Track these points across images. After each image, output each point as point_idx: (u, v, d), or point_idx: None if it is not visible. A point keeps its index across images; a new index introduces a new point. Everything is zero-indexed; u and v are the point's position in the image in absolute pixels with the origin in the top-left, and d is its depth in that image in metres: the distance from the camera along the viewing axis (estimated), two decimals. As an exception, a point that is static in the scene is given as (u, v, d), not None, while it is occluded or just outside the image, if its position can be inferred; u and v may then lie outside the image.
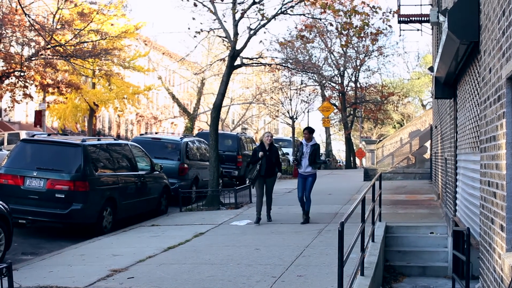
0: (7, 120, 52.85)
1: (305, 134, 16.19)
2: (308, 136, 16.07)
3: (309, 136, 16.07)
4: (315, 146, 15.96)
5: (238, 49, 21.17)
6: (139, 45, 53.09)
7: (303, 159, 15.89)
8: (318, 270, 10.25)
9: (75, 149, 15.13)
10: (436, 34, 20.16)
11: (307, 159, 15.82)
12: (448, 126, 15.68)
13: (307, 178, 15.94)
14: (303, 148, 15.96)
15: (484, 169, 8.21)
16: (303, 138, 16.25)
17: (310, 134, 16.14)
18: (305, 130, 16.36)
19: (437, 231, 14.90)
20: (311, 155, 15.79)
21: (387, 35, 52.35)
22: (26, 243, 14.26)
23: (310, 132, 16.22)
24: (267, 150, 16.19)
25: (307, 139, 16.03)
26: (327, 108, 43.09)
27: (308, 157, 15.82)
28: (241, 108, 69.38)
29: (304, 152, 15.92)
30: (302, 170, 15.97)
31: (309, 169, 15.88)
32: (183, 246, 12.96)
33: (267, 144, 16.26)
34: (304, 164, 15.89)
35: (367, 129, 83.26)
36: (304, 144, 16.00)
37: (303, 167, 15.91)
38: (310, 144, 15.93)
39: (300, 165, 15.98)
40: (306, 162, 15.84)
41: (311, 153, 15.81)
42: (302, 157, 15.92)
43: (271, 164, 16.17)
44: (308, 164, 15.82)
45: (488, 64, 7.89)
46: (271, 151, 16.27)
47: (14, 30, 35.42)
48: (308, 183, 15.92)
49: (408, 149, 33.41)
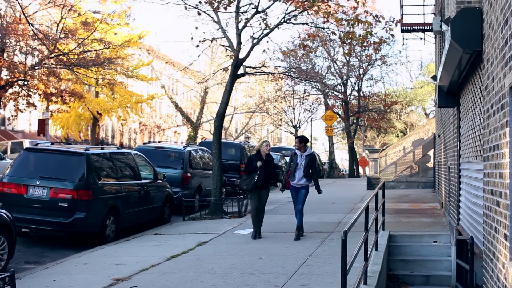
0: (11, 129, 52.94)
1: (297, 144, 15.22)
2: (300, 146, 14.98)
3: (301, 146, 14.97)
4: (311, 156, 14.96)
5: (241, 58, 21.19)
6: (142, 54, 53.23)
7: (298, 170, 14.82)
8: (321, 279, 10.24)
9: (79, 158, 15.14)
10: (439, 43, 20.17)
11: (302, 171, 14.77)
12: (451, 135, 15.67)
13: (300, 190, 14.90)
14: (297, 158, 14.90)
15: (487, 178, 8.20)
16: (296, 148, 15.19)
17: (301, 143, 15.03)
18: (296, 139, 15.43)
19: (440, 240, 14.87)
20: (306, 167, 14.79)
21: (390, 44, 52.49)
22: (29, 252, 14.26)
23: (302, 141, 15.14)
24: (264, 160, 15.13)
25: (300, 149, 14.95)
26: (330, 117, 43.13)
27: (303, 168, 14.77)
28: (244, 117, 69.47)
29: (299, 163, 14.84)
30: (295, 181, 14.85)
31: (302, 181, 14.82)
32: (186, 255, 12.95)
33: (264, 154, 15.23)
34: (298, 176, 14.82)
35: (370, 138, 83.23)
36: (298, 155, 14.93)
37: (297, 178, 14.82)
38: (305, 155, 14.89)
39: (293, 176, 14.87)
40: (300, 173, 14.78)
41: (307, 164, 14.80)
42: (296, 168, 14.85)
43: (268, 175, 15.17)
44: (303, 176, 14.78)
45: (491, 73, 7.89)
46: (268, 161, 15.26)
47: (18, 39, 35.54)
48: (301, 196, 14.89)
49: (411, 157, 33.36)
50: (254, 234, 15.09)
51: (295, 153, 15.01)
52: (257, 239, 14.89)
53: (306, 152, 14.91)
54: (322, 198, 24.91)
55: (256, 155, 15.31)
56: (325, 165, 61.59)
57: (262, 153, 15.20)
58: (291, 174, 14.92)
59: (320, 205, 22.29)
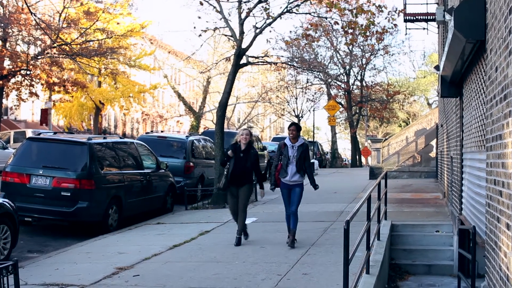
0: (13, 118, 52.96)
1: (292, 132, 12.63)
2: (296, 135, 12.63)
3: (296, 134, 12.64)
4: (303, 147, 12.59)
5: (244, 48, 21.17)
6: (145, 43, 53.17)
7: (290, 164, 12.48)
8: (324, 268, 10.26)
9: (81, 147, 15.16)
10: (442, 33, 20.13)
11: (295, 165, 12.46)
12: (454, 124, 15.66)
13: (294, 188, 12.56)
14: (288, 150, 12.54)
15: (490, 168, 8.20)
16: (288, 137, 12.75)
17: (298, 131, 12.72)
18: (292, 126, 12.77)
19: (442, 229, 14.88)
20: (299, 160, 12.49)
21: (393, 33, 52.41)
22: (32, 241, 14.29)
23: (298, 129, 12.79)
24: (242, 151, 12.80)
25: (292, 139, 12.59)
26: (332, 106, 43.11)
27: (295, 162, 12.47)
28: (247, 107, 69.45)
29: (290, 156, 12.50)
30: (288, 178, 12.50)
31: (296, 177, 12.50)
32: (188, 244, 12.97)
33: (243, 144, 12.82)
34: (290, 171, 12.47)
35: (373, 128, 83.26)
36: (289, 146, 12.56)
37: (289, 174, 12.47)
38: (297, 145, 12.54)
39: (284, 172, 12.52)
40: (293, 168, 12.46)
41: (300, 156, 12.50)
42: (288, 162, 12.49)
43: (243, 170, 12.78)
44: (296, 171, 12.46)
45: (494, 63, 7.87)
46: (248, 153, 12.83)
47: (20, 29, 35.52)
48: (295, 195, 12.54)
49: (414, 147, 33.37)
50: (237, 240, 12.82)
51: (284, 143, 12.66)
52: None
53: (298, 142, 12.59)
54: (324, 188, 24.93)
55: (232, 145, 13.00)
56: (328, 155, 61.64)
57: (241, 143, 12.89)
58: (281, 170, 12.59)
59: (323, 195, 22.30)
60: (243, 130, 13.17)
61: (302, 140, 12.72)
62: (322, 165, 51.15)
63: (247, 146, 12.82)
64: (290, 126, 12.80)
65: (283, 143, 12.67)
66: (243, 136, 12.82)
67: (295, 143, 12.54)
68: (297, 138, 12.60)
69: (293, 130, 12.62)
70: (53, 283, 9.67)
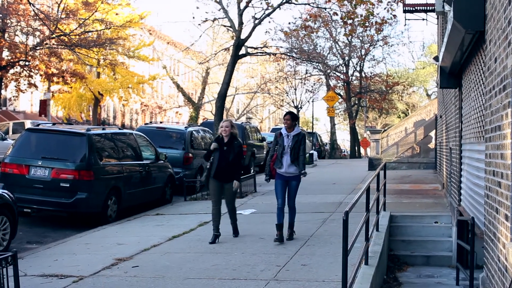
0: (12, 109, 52.92)
1: (287, 121, 12.08)
2: (291, 124, 12.06)
3: (292, 124, 12.08)
4: (299, 136, 12.02)
5: (243, 39, 21.16)
6: (144, 34, 53.09)
7: (284, 155, 11.95)
8: (323, 259, 10.27)
9: (80, 138, 15.15)
10: (442, 24, 20.10)
11: (289, 155, 11.91)
12: (453, 115, 15.66)
13: (290, 181, 12.07)
14: (284, 140, 12.02)
15: (489, 159, 8.20)
16: (284, 127, 12.24)
17: (293, 121, 12.12)
18: (287, 116, 12.18)
19: (441, 220, 14.90)
20: (293, 149, 11.93)
21: (392, 24, 52.35)
22: (31, 232, 14.30)
23: (294, 118, 12.17)
24: (225, 144, 12.16)
25: (288, 128, 12.07)
26: (331, 97, 43.09)
27: (290, 151, 11.92)
28: (246, 98, 69.43)
29: (285, 146, 11.96)
30: (283, 170, 11.97)
31: (292, 169, 11.96)
32: (187, 235, 12.99)
33: (225, 137, 12.17)
34: (285, 163, 11.94)
35: (372, 119, 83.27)
36: (284, 135, 12.04)
37: (285, 166, 11.94)
38: (292, 134, 11.99)
39: (280, 163, 11.99)
40: (288, 159, 11.91)
41: (294, 146, 11.94)
42: (282, 152, 11.97)
43: (227, 164, 12.11)
44: (291, 162, 11.92)
45: (493, 54, 7.86)
46: (231, 146, 12.16)
47: (19, 19, 35.45)
48: (292, 188, 12.10)
49: (413, 138, 33.39)
50: (213, 238, 12.13)
51: (280, 133, 12.15)
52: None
53: (294, 131, 12.06)
54: (323, 179, 24.98)
55: (216, 138, 12.47)
56: (327, 146, 61.65)
57: (224, 136, 12.24)
58: (276, 160, 12.07)
59: (322, 186, 22.34)
60: (224, 121, 12.54)
61: (299, 129, 12.18)
62: (321, 156, 51.17)
63: (230, 138, 12.16)
64: (285, 115, 12.22)
65: (279, 133, 12.17)
66: (222, 128, 12.21)
67: (291, 132, 11.99)
68: (293, 128, 12.04)
69: (288, 120, 12.07)
70: (52, 274, 9.68)
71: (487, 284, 8.42)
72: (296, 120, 12.29)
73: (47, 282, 9.27)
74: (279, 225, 11.90)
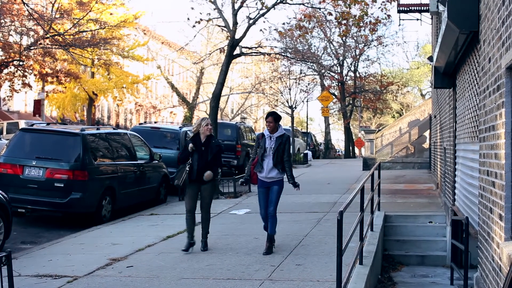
0: (6, 109, 52.81)
1: (269, 124, 11.06)
2: (274, 125, 11.05)
3: (275, 125, 11.06)
4: (282, 138, 11.00)
5: (237, 39, 21.15)
6: (138, 34, 52.97)
7: (266, 158, 10.98)
8: (317, 259, 10.28)
9: (74, 138, 15.13)
10: (436, 24, 20.13)
11: (271, 158, 10.93)
12: (447, 115, 15.68)
13: (271, 186, 11.06)
14: (266, 142, 11.05)
15: (483, 159, 8.22)
16: (265, 128, 11.29)
17: (276, 122, 11.10)
18: (269, 118, 11.12)
19: (435, 220, 14.93)
20: (276, 152, 10.94)
21: (387, 24, 52.41)
22: (26, 232, 14.28)
23: (276, 119, 11.13)
24: (203, 144, 11.26)
25: (271, 130, 11.06)
26: (326, 97, 43.12)
27: (272, 154, 10.94)
28: (240, 98, 69.33)
29: (267, 148, 10.99)
30: (264, 174, 11.01)
31: (273, 173, 10.98)
32: (182, 235, 12.97)
33: (204, 136, 11.30)
34: (266, 166, 10.95)
35: (366, 119, 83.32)
36: (266, 136, 11.06)
37: (265, 170, 10.96)
38: (275, 136, 10.99)
39: (260, 166, 11.03)
40: (269, 162, 10.93)
41: (277, 148, 10.95)
42: (264, 155, 11.01)
43: (206, 165, 11.21)
44: (273, 166, 10.93)
45: (487, 54, 7.88)
46: (209, 145, 11.28)
47: (13, 19, 35.35)
48: (273, 194, 11.05)
49: (407, 138, 33.41)
50: (187, 245, 11.24)
51: (262, 134, 11.20)
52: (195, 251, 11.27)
53: (277, 132, 11.05)
54: (318, 179, 24.99)
55: (192, 138, 11.42)
56: (321, 146, 61.67)
57: (201, 134, 11.33)
58: (257, 164, 11.13)
59: (316, 186, 22.36)
60: (205, 119, 11.48)
61: (283, 131, 11.13)
62: (316, 156, 51.19)
63: (208, 138, 11.29)
64: (267, 117, 11.16)
65: (261, 134, 11.23)
66: (207, 126, 11.28)
67: (274, 134, 11.00)
68: (276, 129, 11.04)
69: (270, 122, 11.06)
70: (46, 274, 9.67)
71: (481, 284, 8.43)
72: (279, 120, 11.24)
73: (42, 282, 9.26)
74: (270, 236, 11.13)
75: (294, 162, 35.61)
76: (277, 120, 11.12)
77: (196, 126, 11.42)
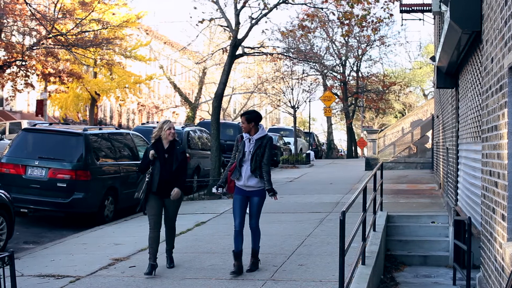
0: (9, 109, 52.85)
1: (243, 123, 9.59)
2: (247, 126, 9.52)
3: (248, 126, 9.52)
4: (263, 140, 9.48)
5: (239, 39, 21.16)
6: (141, 34, 53.02)
7: (244, 163, 9.48)
8: (320, 259, 10.27)
9: (77, 138, 15.14)
10: (438, 24, 20.13)
11: (250, 163, 9.42)
12: (450, 115, 15.67)
13: (251, 197, 9.53)
14: (244, 145, 9.55)
15: (485, 159, 8.21)
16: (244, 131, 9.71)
17: (249, 122, 9.51)
18: (242, 117, 9.65)
19: (438, 220, 14.91)
20: (255, 156, 9.41)
21: (389, 24, 52.40)
22: (28, 232, 14.30)
23: (249, 119, 9.52)
24: (166, 151, 9.82)
25: (247, 131, 9.55)
26: (328, 97, 43.13)
27: (251, 159, 9.43)
28: (243, 98, 69.34)
29: (246, 152, 9.49)
30: (242, 182, 9.47)
31: (253, 181, 9.44)
32: (184, 235, 12.98)
33: (167, 142, 9.88)
34: (245, 173, 9.44)
35: (369, 119, 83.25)
36: (245, 139, 9.57)
37: (244, 177, 9.44)
38: (255, 138, 9.47)
39: (238, 173, 9.51)
40: (248, 168, 9.42)
41: (255, 152, 9.43)
42: (242, 160, 9.51)
43: (171, 175, 9.75)
44: (251, 172, 9.40)
45: (490, 54, 7.88)
46: (173, 152, 9.85)
47: (16, 19, 35.37)
48: (254, 206, 9.54)
49: (410, 138, 33.38)
50: (149, 268, 9.54)
51: (241, 136, 9.72)
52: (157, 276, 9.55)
53: (257, 134, 9.53)
54: (320, 179, 24.98)
55: (154, 144, 9.90)
56: (324, 146, 61.68)
57: (163, 140, 9.89)
58: (234, 170, 9.62)
59: (318, 186, 22.35)
60: (167, 122, 10.01)
61: (264, 132, 9.58)
62: (318, 156, 51.18)
63: (171, 144, 9.88)
64: (241, 116, 9.77)
65: (240, 136, 9.74)
66: (170, 131, 9.86)
67: (253, 135, 9.49)
68: (255, 130, 9.52)
69: (243, 122, 9.59)
70: (49, 274, 9.68)
71: (484, 284, 8.43)
72: (255, 120, 9.55)
73: (44, 282, 9.27)
74: (237, 253, 9.48)
75: (296, 162, 35.61)
76: (251, 120, 9.49)
77: (157, 130, 9.90)
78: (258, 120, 9.55)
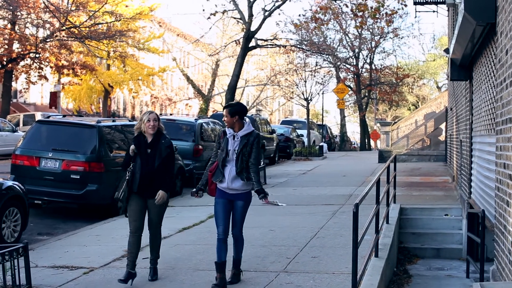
0: (23, 101, 53.08)
1: (226, 116, 8.32)
2: (231, 120, 8.29)
3: (231, 120, 8.29)
4: (249, 137, 8.32)
5: (252, 31, 21.16)
6: (154, 26, 53.10)
7: (228, 163, 8.32)
8: (333, 251, 10.27)
9: (90, 130, 15.17)
10: (452, 16, 20.03)
11: (235, 164, 8.27)
12: (464, 108, 15.61)
13: (235, 201, 8.45)
14: (228, 142, 8.35)
15: (499, 151, 8.17)
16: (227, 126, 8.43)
17: (232, 116, 8.29)
18: (225, 110, 8.41)
19: (451, 213, 14.87)
20: (240, 155, 8.26)
21: (403, 16, 52.21)
22: (42, 224, 14.36)
23: (232, 112, 8.30)
24: (149, 145, 8.68)
25: (231, 125, 8.31)
26: (341, 90, 43.05)
27: (236, 158, 8.27)
28: (256, 90, 69.36)
29: (230, 151, 8.31)
30: (225, 185, 8.33)
31: (237, 184, 8.32)
32: (197, 227, 13.01)
33: (150, 135, 8.68)
34: (228, 174, 8.29)
35: (382, 111, 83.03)
36: (229, 136, 8.36)
37: (227, 178, 8.29)
38: (240, 135, 8.28)
39: (221, 174, 8.33)
40: (232, 169, 8.26)
41: (241, 150, 8.27)
42: (225, 159, 8.33)
43: (153, 173, 8.66)
44: (236, 174, 8.26)
45: (504, 46, 7.83)
46: (156, 147, 8.67)
47: (29, 12, 35.54)
48: (238, 211, 8.50)
49: (423, 131, 33.30)
50: (126, 275, 8.63)
51: (224, 132, 8.48)
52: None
53: (242, 130, 8.34)
54: (333, 171, 24.95)
55: (136, 138, 8.78)
56: (337, 138, 61.62)
57: (146, 133, 8.69)
58: (216, 171, 8.45)
59: (332, 178, 22.32)
60: (146, 114, 8.74)
61: (251, 128, 8.43)
62: (331, 148, 51.12)
63: (156, 137, 8.69)
64: (223, 109, 8.66)
65: (222, 131, 8.53)
66: (150, 123, 8.58)
67: (238, 132, 8.31)
68: (239, 126, 8.34)
69: (226, 116, 8.33)
70: (63, 266, 9.72)
71: (497, 277, 8.41)
72: (242, 114, 8.39)
73: (58, 273, 9.31)
74: (220, 264, 8.43)
75: (309, 154, 35.57)
76: (234, 114, 8.28)
77: (138, 122, 8.78)
78: (243, 114, 8.37)
